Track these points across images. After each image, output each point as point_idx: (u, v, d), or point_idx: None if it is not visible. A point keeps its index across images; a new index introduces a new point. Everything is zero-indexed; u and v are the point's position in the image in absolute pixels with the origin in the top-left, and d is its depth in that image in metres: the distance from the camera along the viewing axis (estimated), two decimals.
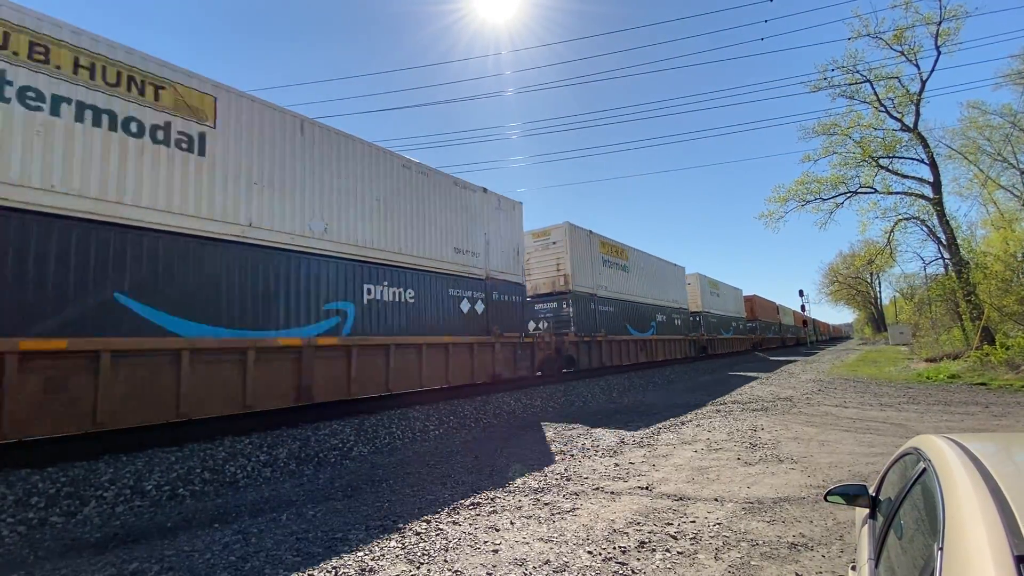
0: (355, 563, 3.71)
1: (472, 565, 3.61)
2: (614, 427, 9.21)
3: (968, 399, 11.35)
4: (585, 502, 4.98)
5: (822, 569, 3.40)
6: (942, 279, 25.53)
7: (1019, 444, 2.05)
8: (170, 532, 4.50)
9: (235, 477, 6.07)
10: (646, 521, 4.39)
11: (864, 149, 23.60)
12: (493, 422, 10.00)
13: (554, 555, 3.73)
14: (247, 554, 3.92)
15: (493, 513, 4.76)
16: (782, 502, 4.78)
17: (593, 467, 6.38)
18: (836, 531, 4.04)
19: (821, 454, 6.57)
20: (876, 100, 23.02)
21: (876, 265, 31.94)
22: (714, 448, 7.16)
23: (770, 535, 4.01)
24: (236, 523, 4.67)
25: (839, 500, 2.27)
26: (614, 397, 13.88)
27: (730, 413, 10.37)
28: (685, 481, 5.61)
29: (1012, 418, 8.90)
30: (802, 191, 25.08)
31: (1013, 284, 21.37)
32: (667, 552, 3.74)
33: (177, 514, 5.02)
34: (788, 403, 11.51)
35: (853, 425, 8.56)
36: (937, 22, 20.92)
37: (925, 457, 1.70)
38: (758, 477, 5.64)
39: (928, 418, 9.13)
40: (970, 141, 26.37)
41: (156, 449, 6.19)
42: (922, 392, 12.94)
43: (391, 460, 7.12)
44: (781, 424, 8.83)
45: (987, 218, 29.38)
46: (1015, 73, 24.44)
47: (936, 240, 25.71)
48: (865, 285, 71.82)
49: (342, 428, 7.99)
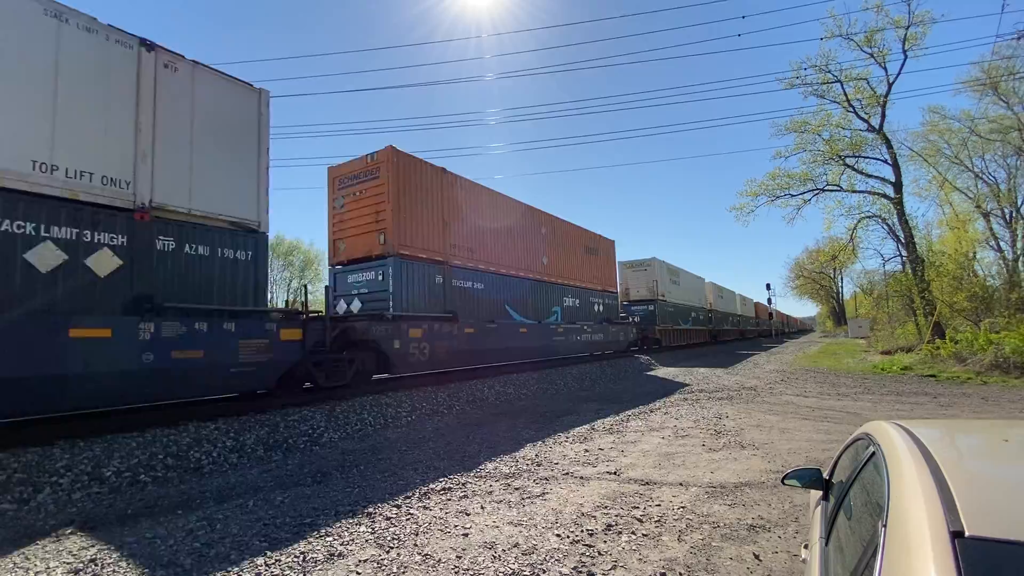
0: (324, 548, 3.69)
1: (442, 548, 3.64)
2: (585, 414, 9.36)
3: (918, 390, 11.95)
4: (555, 487, 5.07)
5: (778, 549, 3.56)
6: (899, 276, 26.63)
7: (961, 430, 2.18)
8: (131, 519, 4.39)
9: (200, 463, 5.94)
10: (613, 505, 4.50)
11: (832, 148, 24.27)
12: (467, 409, 10.04)
13: (523, 538, 3.80)
14: (212, 540, 3.86)
15: (464, 498, 4.80)
16: (743, 486, 4.96)
17: (564, 453, 6.49)
18: (792, 513, 4.22)
19: (781, 441, 6.83)
20: (845, 100, 23.64)
21: (839, 261, 33.04)
22: (681, 435, 7.36)
23: (731, 518, 4.16)
24: (201, 509, 4.59)
25: (795, 483, 2.37)
26: (586, 385, 14.08)
27: (697, 402, 10.66)
28: (652, 466, 5.76)
29: (957, 407, 9.42)
30: (773, 186, 25.68)
31: (963, 282, 22.49)
32: (633, 534, 3.85)
33: (138, 500, 4.90)
34: (752, 392, 11.89)
35: (812, 414, 8.92)
36: (906, 26, 21.55)
37: (875, 442, 1.79)
38: (721, 463, 5.84)
39: (881, 407, 9.58)
40: (930, 144, 27.46)
41: (116, 435, 6.00)
42: (877, 383, 13.55)
43: (362, 446, 7.08)
44: (745, 412, 9.13)
45: (943, 219, 30.78)
46: (974, 80, 25.47)
47: (895, 238, 26.76)
48: (828, 280, 74.45)
49: (312, 414, 7.89)
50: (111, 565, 3.47)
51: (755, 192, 26.05)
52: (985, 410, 9.17)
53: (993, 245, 28.30)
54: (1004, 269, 26.35)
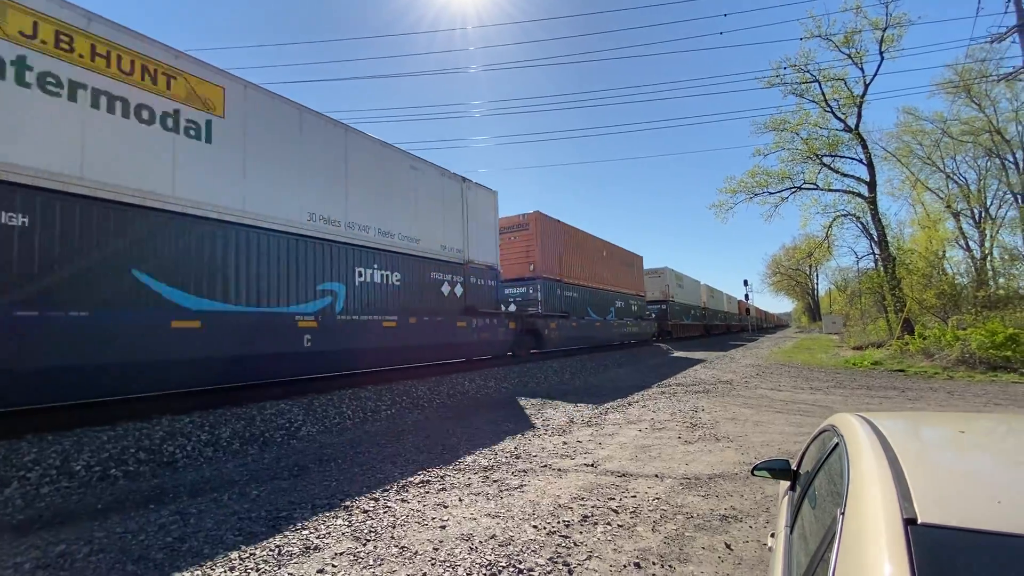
0: (300, 541, 3.68)
1: (419, 541, 3.66)
2: (564, 407, 9.44)
3: (887, 384, 12.32)
4: (533, 479, 5.12)
5: (748, 538, 3.66)
6: (872, 273, 27.39)
7: (922, 422, 2.27)
8: (101, 514, 4.30)
9: (173, 457, 5.85)
10: (590, 496, 4.56)
11: (810, 147, 24.75)
12: (447, 402, 10.04)
13: (500, 530, 3.83)
14: (185, 534, 3.81)
15: (442, 491, 4.81)
16: (717, 478, 5.07)
17: (542, 445, 6.54)
18: (764, 504, 4.33)
19: (755, 433, 6.99)
20: (823, 100, 24.08)
21: (815, 258, 33.85)
22: (657, 427, 7.48)
23: (704, 508, 4.26)
24: (174, 504, 4.52)
25: (764, 474, 2.44)
26: (566, 379, 14.19)
27: (674, 395, 10.83)
28: (628, 458, 5.84)
29: (924, 401, 9.74)
30: (751, 184, 26.11)
31: (933, 280, 23.22)
32: (608, 525, 3.91)
33: (109, 495, 4.80)
34: (728, 386, 12.12)
35: (785, 407, 9.13)
36: (883, 28, 21.99)
37: (839, 433, 1.85)
38: (696, 455, 5.95)
39: (852, 401, 9.85)
40: (904, 145, 28.23)
41: (86, 428, 5.86)
42: (848, 377, 13.93)
43: (340, 440, 7.04)
44: (720, 405, 9.31)
45: (915, 218, 31.71)
46: (948, 82, 26.17)
47: (869, 236, 27.54)
48: (804, 277, 76.10)
49: (290, 408, 7.81)
50: (81, 560, 3.41)
51: (734, 189, 26.48)
52: (950, 404, 9.50)
53: (962, 244, 29.30)
54: (972, 268, 27.30)
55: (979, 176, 29.04)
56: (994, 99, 25.99)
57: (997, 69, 22.36)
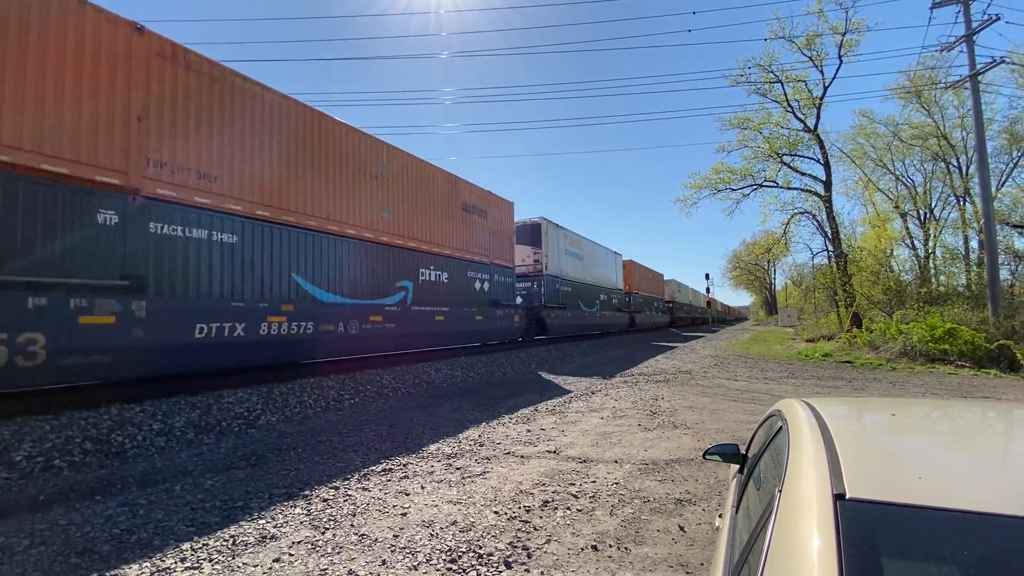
0: (255, 531, 3.61)
1: (379, 528, 3.65)
2: (529, 395, 9.53)
3: (836, 375, 12.95)
4: (496, 466, 5.16)
5: (701, 520, 3.81)
6: (825, 269, 28.56)
7: (859, 407, 2.40)
8: (43, 505, 4.11)
9: (123, 447, 5.62)
10: (551, 482, 4.64)
11: (771, 145, 25.53)
12: (412, 391, 9.98)
13: (461, 516, 3.86)
14: (133, 526, 3.68)
15: (404, 478, 4.80)
16: (673, 463, 5.24)
17: (506, 433, 6.60)
18: (717, 488, 4.51)
19: (711, 421, 7.24)
20: (785, 100, 24.85)
21: (773, 254, 35.04)
22: (619, 415, 7.65)
23: (660, 492, 4.40)
24: (122, 495, 4.35)
25: (716, 458, 2.54)
26: (532, 368, 14.32)
27: (636, 384, 11.09)
28: (590, 445, 5.97)
29: (868, 391, 10.29)
30: (715, 180, 26.77)
31: (880, 277, 24.42)
32: (568, 510, 4.00)
33: (52, 487, 4.58)
34: (687, 376, 12.50)
35: (741, 396, 9.49)
36: (842, 32, 22.80)
37: (783, 417, 1.94)
38: (655, 441, 6.13)
39: (803, 390, 10.32)
40: (858, 146, 29.37)
41: (27, 417, 5.56)
42: (800, 368, 14.57)
43: (301, 429, 6.91)
44: (679, 394, 9.59)
45: (866, 217, 33.12)
46: (900, 87, 27.37)
47: (824, 234, 28.59)
48: (762, 271, 78.72)
49: (248, 396, 7.61)
50: (21, 553, 3.25)
51: (698, 185, 27.11)
52: (892, 392, 10.07)
53: (908, 243, 30.81)
54: (916, 266, 28.80)
55: (925, 179, 30.57)
56: (942, 106, 27.36)
57: (946, 76, 23.53)
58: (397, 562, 3.14)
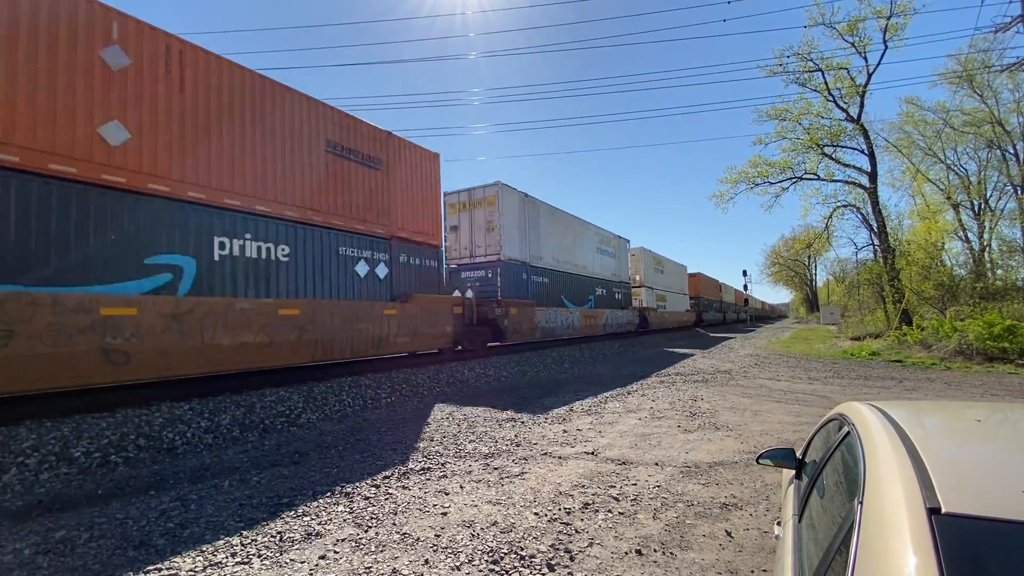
0: (301, 527, 3.68)
1: (421, 527, 3.66)
2: (564, 396, 9.45)
3: (885, 374, 12.36)
4: (533, 466, 5.12)
5: (749, 526, 3.67)
6: (871, 264, 27.38)
7: (933, 410, 2.25)
8: (101, 499, 4.30)
9: (173, 444, 5.84)
10: (591, 484, 4.57)
11: (812, 136, 24.58)
12: (446, 391, 10.05)
13: (501, 517, 3.83)
14: (186, 520, 3.81)
15: (443, 478, 4.81)
16: (717, 466, 5.09)
17: (543, 433, 6.55)
18: (764, 492, 4.34)
19: (754, 423, 7.01)
20: (826, 89, 23.88)
21: (814, 249, 33.76)
22: (657, 416, 7.49)
23: (704, 496, 4.27)
24: (174, 490, 4.52)
25: (769, 463, 2.43)
26: (565, 368, 14.22)
27: (673, 384, 10.85)
28: (628, 447, 5.85)
29: (922, 392, 9.77)
30: (752, 174, 25.96)
31: (931, 271, 23.23)
32: (609, 512, 3.92)
33: (109, 481, 4.80)
34: (727, 376, 12.15)
35: (784, 397, 9.16)
36: (887, 16, 21.74)
37: (849, 422, 1.83)
38: (696, 443, 5.96)
39: (849, 391, 9.88)
40: (905, 135, 28.08)
41: (85, 415, 5.85)
42: (846, 367, 13.98)
43: (341, 427, 7.04)
44: (719, 395, 9.33)
45: (914, 209, 31.60)
46: (950, 72, 25.97)
47: (869, 227, 27.44)
48: (803, 268, 76.11)
49: (290, 395, 7.80)
50: (82, 545, 3.40)
51: (735, 179, 26.33)
52: (948, 394, 9.53)
53: (961, 236, 29.28)
54: (970, 259, 27.34)
55: (979, 167, 28.97)
56: (996, 90, 25.85)
57: (1000, 59, 22.20)
58: (440, 562, 3.14)
